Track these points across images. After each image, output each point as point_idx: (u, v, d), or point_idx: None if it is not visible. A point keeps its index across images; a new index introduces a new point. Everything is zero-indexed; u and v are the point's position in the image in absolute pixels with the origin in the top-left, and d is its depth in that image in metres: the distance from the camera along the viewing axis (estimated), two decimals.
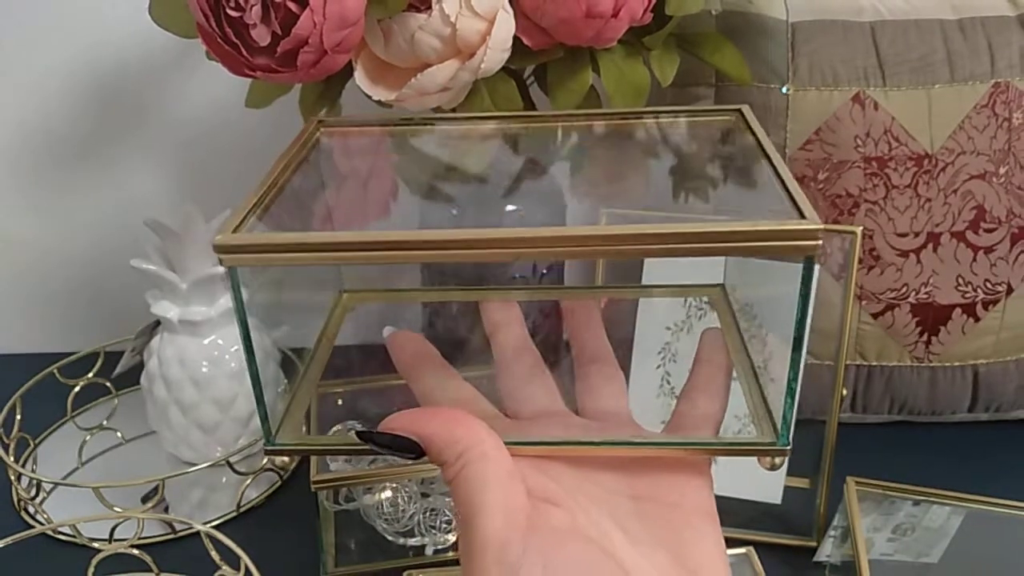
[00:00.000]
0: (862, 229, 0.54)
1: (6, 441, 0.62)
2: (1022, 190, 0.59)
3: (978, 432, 0.66)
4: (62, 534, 0.56)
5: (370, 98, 0.47)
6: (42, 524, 0.57)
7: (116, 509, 0.55)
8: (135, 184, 0.77)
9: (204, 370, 0.60)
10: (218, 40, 0.43)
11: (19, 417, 0.64)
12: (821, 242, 0.27)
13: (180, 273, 0.59)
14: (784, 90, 0.59)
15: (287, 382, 0.65)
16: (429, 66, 0.45)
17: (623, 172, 0.46)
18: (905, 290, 0.61)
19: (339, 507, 0.53)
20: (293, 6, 0.41)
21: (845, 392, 0.64)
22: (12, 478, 0.60)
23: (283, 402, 0.35)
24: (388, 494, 0.53)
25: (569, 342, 0.39)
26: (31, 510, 0.59)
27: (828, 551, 0.53)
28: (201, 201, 0.59)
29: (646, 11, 0.46)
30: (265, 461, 0.61)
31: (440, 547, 0.53)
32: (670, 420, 0.34)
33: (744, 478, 0.54)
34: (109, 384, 0.70)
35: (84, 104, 0.74)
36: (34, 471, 0.63)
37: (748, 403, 0.34)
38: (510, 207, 0.45)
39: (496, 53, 0.45)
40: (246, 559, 0.46)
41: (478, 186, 0.45)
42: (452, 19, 0.43)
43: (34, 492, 0.59)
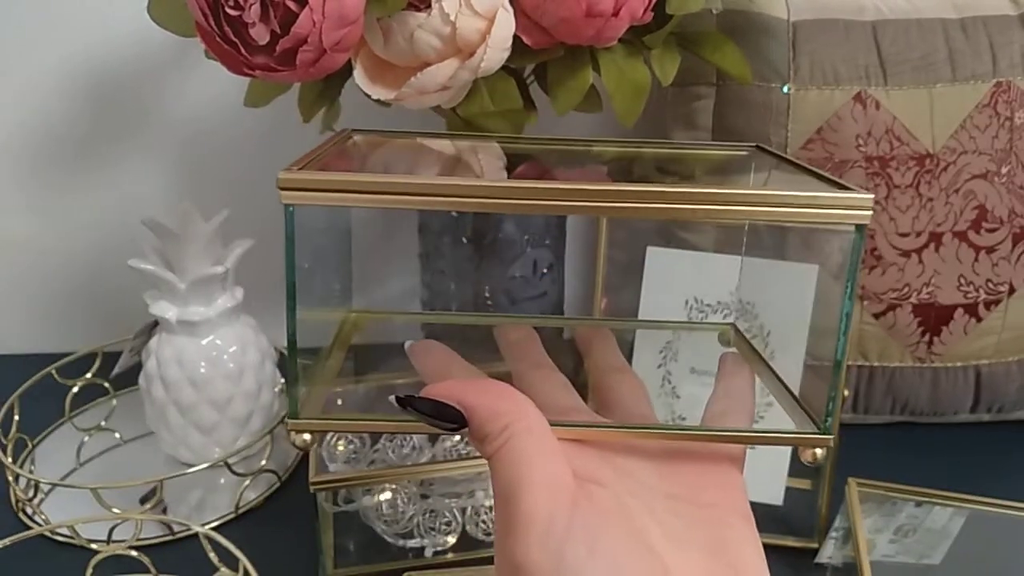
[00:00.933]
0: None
1: (4, 442, 0.62)
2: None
3: (980, 433, 0.66)
4: (60, 535, 0.56)
5: (369, 97, 0.47)
6: (40, 525, 0.57)
7: (114, 510, 0.55)
8: (133, 183, 0.77)
9: (202, 371, 0.60)
10: (217, 39, 0.43)
11: (17, 417, 0.64)
12: (872, 213, 0.29)
13: (178, 273, 0.59)
14: (785, 89, 0.59)
15: (283, 381, 0.65)
16: (429, 65, 0.45)
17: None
18: (907, 290, 0.60)
19: (338, 508, 0.53)
20: (292, 5, 0.40)
21: (847, 393, 0.63)
22: (10, 479, 0.60)
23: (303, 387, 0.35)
24: (387, 496, 0.53)
25: (584, 362, 0.39)
26: (29, 511, 0.59)
27: (830, 552, 0.53)
28: (199, 200, 0.59)
29: (647, 10, 0.46)
30: (265, 462, 0.60)
31: (439, 549, 0.53)
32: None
33: (746, 479, 0.54)
34: (107, 384, 0.70)
35: (82, 103, 0.74)
36: (32, 472, 0.62)
37: (783, 407, 0.34)
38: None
39: (496, 52, 0.44)
40: (244, 561, 0.46)
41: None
42: (452, 18, 0.43)
43: (32, 493, 0.59)
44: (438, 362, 0.37)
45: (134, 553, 0.49)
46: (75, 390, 0.69)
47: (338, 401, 0.58)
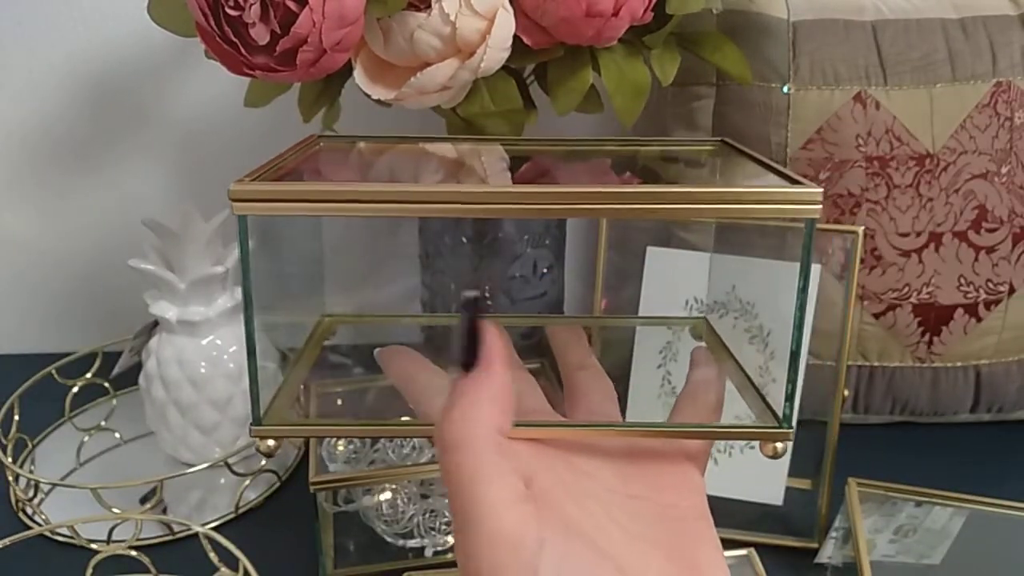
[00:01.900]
0: (864, 229, 0.54)
1: (4, 442, 0.62)
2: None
3: (980, 433, 0.66)
4: (60, 535, 0.56)
5: (369, 97, 0.47)
6: (40, 525, 0.57)
7: (114, 510, 0.55)
8: (133, 183, 0.77)
9: (202, 371, 0.60)
10: (217, 39, 0.43)
11: (17, 417, 0.64)
12: (821, 206, 0.29)
13: (178, 273, 0.59)
14: (785, 90, 0.59)
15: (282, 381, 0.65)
16: (429, 65, 0.45)
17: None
18: (907, 290, 0.60)
19: (338, 508, 0.53)
20: (292, 5, 0.40)
21: (847, 393, 0.63)
22: (10, 479, 0.60)
23: (270, 393, 0.35)
24: (387, 495, 0.53)
25: (556, 359, 0.39)
26: (29, 511, 0.59)
27: (829, 552, 0.53)
28: (200, 200, 0.59)
29: (647, 10, 0.46)
30: (265, 462, 0.60)
31: (439, 549, 0.53)
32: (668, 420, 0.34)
33: (745, 479, 0.54)
34: (107, 384, 0.70)
35: (82, 103, 0.74)
36: (32, 472, 0.62)
37: (749, 406, 0.34)
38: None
39: (496, 52, 0.44)
40: (244, 560, 0.46)
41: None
42: (452, 18, 0.43)
43: (32, 493, 0.59)
44: (403, 367, 0.37)
45: (134, 553, 0.49)
46: (75, 390, 0.69)
47: (338, 401, 0.58)
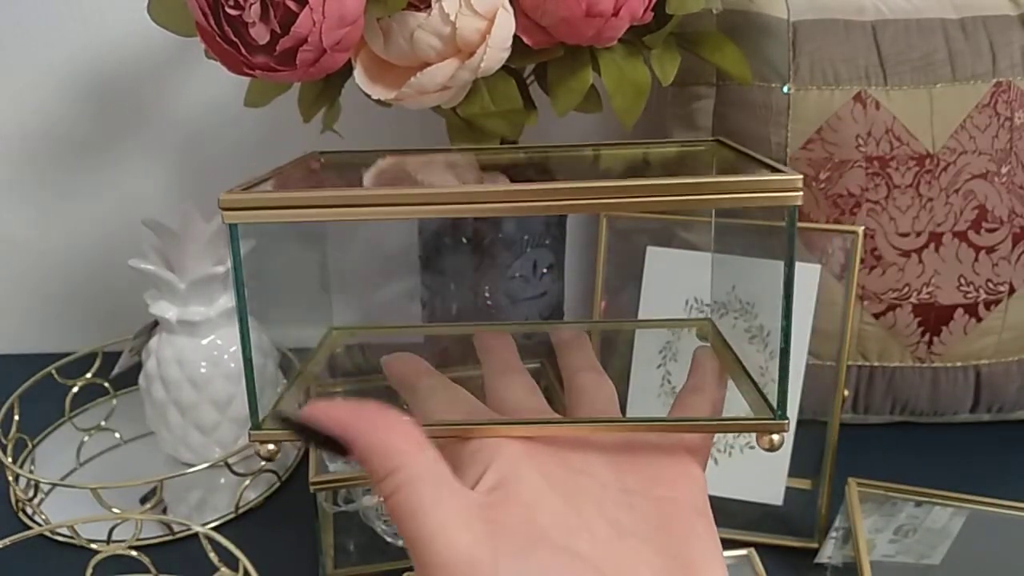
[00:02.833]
0: (864, 229, 0.54)
1: (4, 442, 0.62)
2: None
3: (980, 433, 0.66)
4: (60, 535, 0.56)
5: (369, 97, 0.47)
6: (40, 525, 0.57)
7: (114, 510, 0.55)
8: (133, 183, 0.77)
9: (202, 371, 0.60)
10: (217, 39, 0.43)
11: (17, 417, 0.64)
12: (802, 194, 0.29)
13: (179, 273, 0.59)
14: (785, 90, 0.59)
15: (284, 382, 0.65)
16: (429, 65, 0.45)
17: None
18: (907, 290, 0.60)
19: (338, 508, 0.53)
20: (292, 4, 0.40)
21: (847, 393, 0.63)
22: (10, 479, 0.60)
23: (271, 396, 0.35)
24: None
25: (557, 361, 0.39)
26: (29, 511, 0.59)
27: (829, 552, 0.53)
28: (200, 200, 0.59)
29: (647, 10, 0.46)
30: (262, 464, 0.60)
31: None
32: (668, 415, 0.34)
33: (745, 479, 0.54)
34: (107, 384, 0.70)
35: (82, 103, 0.74)
36: (32, 472, 0.62)
37: (749, 405, 0.34)
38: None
39: (496, 52, 0.44)
40: (244, 561, 0.46)
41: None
42: (452, 18, 0.43)
43: (32, 493, 0.59)
44: (405, 373, 0.37)
45: (134, 553, 0.49)
46: (75, 390, 0.69)
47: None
